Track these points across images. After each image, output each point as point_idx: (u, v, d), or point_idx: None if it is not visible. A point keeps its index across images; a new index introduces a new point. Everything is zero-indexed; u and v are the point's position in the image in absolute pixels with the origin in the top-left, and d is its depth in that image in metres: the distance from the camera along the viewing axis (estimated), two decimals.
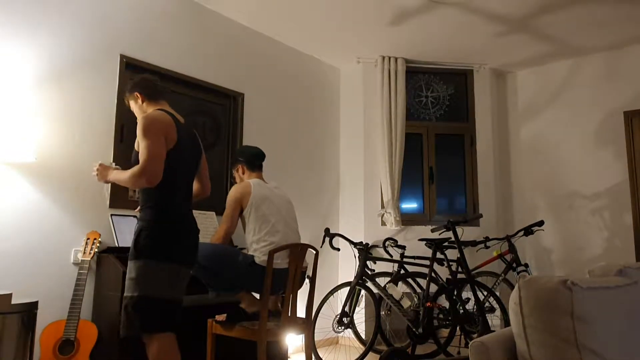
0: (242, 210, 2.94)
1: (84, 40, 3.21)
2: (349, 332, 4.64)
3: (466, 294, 4.13)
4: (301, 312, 3.17)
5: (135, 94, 2.43)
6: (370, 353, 3.87)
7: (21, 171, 2.85)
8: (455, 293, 3.81)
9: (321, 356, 4.23)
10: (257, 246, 2.83)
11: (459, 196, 5.13)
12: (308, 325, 2.98)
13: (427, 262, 4.43)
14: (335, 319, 3.95)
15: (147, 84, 2.43)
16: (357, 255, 4.08)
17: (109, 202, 3.22)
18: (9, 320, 2.38)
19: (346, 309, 3.97)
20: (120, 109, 3.34)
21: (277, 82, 4.58)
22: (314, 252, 2.96)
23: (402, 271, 4.10)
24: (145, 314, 2.12)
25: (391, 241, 4.30)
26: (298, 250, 2.85)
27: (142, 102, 2.41)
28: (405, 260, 4.23)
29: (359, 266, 3.98)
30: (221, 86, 4.04)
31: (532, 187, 5.16)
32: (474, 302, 3.74)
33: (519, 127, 5.31)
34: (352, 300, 3.99)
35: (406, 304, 3.82)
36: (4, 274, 2.74)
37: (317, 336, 4.46)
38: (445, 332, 4.44)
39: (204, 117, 3.95)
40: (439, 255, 4.52)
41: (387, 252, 4.34)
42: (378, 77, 4.89)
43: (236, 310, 2.97)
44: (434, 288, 3.87)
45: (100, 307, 2.95)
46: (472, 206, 5.07)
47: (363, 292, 4.19)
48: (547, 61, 5.08)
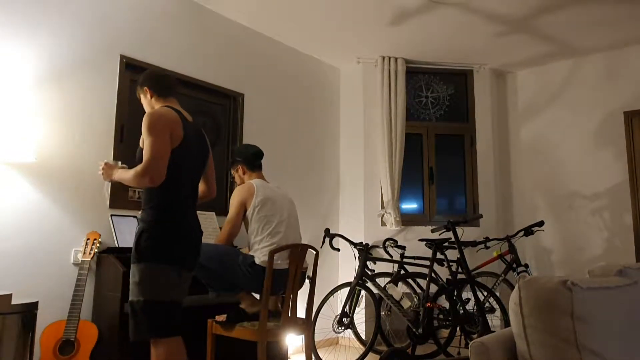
0: (245, 211, 2.93)
1: (84, 40, 3.21)
2: (349, 333, 4.64)
3: (466, 294, 4.13)
4: (301, 313, 3.17)
5: (145, 88, 2.37)
6: (371, 353, 3.87)
7: (21, 171, 2.85)
8: (456, 293, 3.81)
9: (321, 356, 4.23)
10: (258, 247, 2.83)
11: (459, 196, 5.13)
12: (308, 326, 2.98)
13: (427, 263, 4.43)
14: (335, 319, 3.95)
15: (158, 80, 2.37)
16: (357, 255, 4.08)
17: (109, 203, 3.22)
18: (9, 321, 2.38)
19: (346, 309, 3.97)
20: (120, 109, 3.34)
21: (277, 82, 4.58)
22: (314, 252, 2.96)
23: (402, 271, 4.10)
24: (153, 318, 2.08)
25: (391, 241, 4.30)
26: (298, 251, 2.84)
27: (151, 97, 2.36)
28: (405, 260, 4.22)
29: (359, 266, 3.98)
30: (221, 86, 4.04)
31: (532, 188, 5.16)
32: (474, 303, 3.74)
33: (519, 128, 5.31)
34: (352, 300, 3.99)
35: (406, 304, 3.82)
36: (4, 274, 2.74)
37: (317, 336, 4.46)
38: (445, 333, 4.44)
39: (204, 117, 3.95)
40: (439, 256, 4.52)
41: (387, 253, 4.34)
42: (378, 77, 4.89)
43: (236, 310, 2.96)
44: (434, 288, 3.87)
45: (100, 308, 2.95)
46: (472, 206, 5.07)
47: (363, 292, 4.19)
48: (547, 61, 5.09)
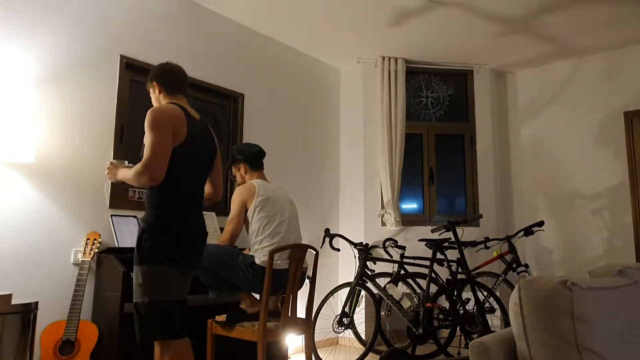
0: (246, 211, 2.93)
1: (84, 40, 3.21)
2: (349, 333, 4.64)
3: (466, 294, 4.13)
4: (301, 313, 3.17)
5: (154, 83, 2.31)
6: (371, 353, 3.87)
7: (21, 171, 2.85)
8: (455, 293, 3.81)
9: (321, 356, 4.23)
10: (259, 247, 2.83)
11: (459, 196, 5.13)
12: (308, 326, 2.98)
13: (427, 263, 4.43)
14: (335, 319, 3.95)
15: (168, 76, 2.31)
16: (357, 255, 4.08)
17: (109, 203, 3.22)
18: (9, 321, 2.38)
19: (346, 309, 3.97)
20: (120, 109, 3.34)
21: (277, 83, 4.58)
22: (314, 252, 2.96)
23: (402, 272, 4.10)
24: (158, 318, 2.04)
25: (391, 241, 4.30)
26: (298, 251, 2.84)
27: (159, 93, 2.31)
28: (405, 260, 4.22)
29: (359, 267, 3.98)
30: (221, 86, 4.04)
31: (532, 188, 5.16)
32: (474, 303, 3.74)
33: (519, 128, 5.31)
34: (352, 300, 3.99)
35: (406, 304, 3.82)
36: (4, 274, 2.74)
37: (317, 336, 4.46)
38: (445, 333, 4.44)
39: (204, 117, 3.94)
40: (439, 256, 4.52)
41: (387, 253, 4.34)
42: (378, 78, 4.89)
43: (236, 310, 2.96)
44: (434, 288, 3.87)
45: (100, 308, 2.95)
46: (472, 206, 5.07)
47: (363, 292, 4.19)
48: (547, 61, 5.09)
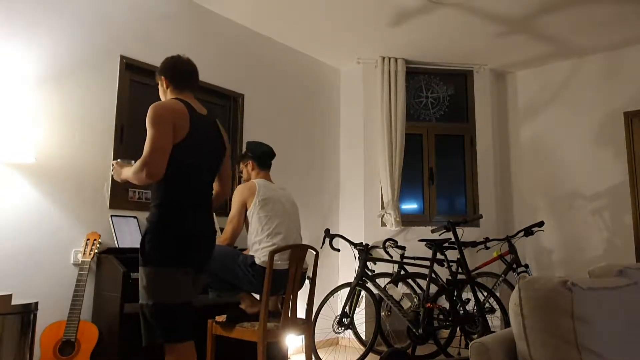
0: (246, 210, 2.94)
1: (84, 40, 3.21)
2: (349, 333, 4.63)
3: (466, 294, 4.13)
4: (301, 313, 3.17)
5: (162, 77, 2.26)
6: (371, 354, 3.86)
7: (21, 171, 2.85)
8: (456, 294, 3.81)
9: (321, 357, 4.23)
10: (259, 247, 2.83)
11: (459, 197, 5.13)
12: (308, 326, 2.98)
13: (427, 263, 4.43)
14: (335, 319, 3.95)
15: (177, 71, 2.25)
16: (357, 256, 4.07)
17: (109, 203, 3.22)
18: (9, 321, 2.38)
19: (346, 309, 3.97)
20: (120, 109, 3.34)
21: (277, 83, 4.58)
22: (314, 252, 2.96)
23: (402, 272, 4.10)
24: (163, 321, 2.00)
25: (391, 242, 4.30)
26: (298, 251, 2.84)
27: (167, 87, 2.25)
28: (405, 261, 4.22)
29: (359, 267, 3.97)
30: (221, 87, 4.04)
31: (532, 188, 5.16)
32: (474, 303, 3.74)
33: (519, 128, 5.31)
34: (352, 301, 3.99)
35: (406, 304, 3.82)
36: (4, 274, 2.74)
37: (317, 337, 4.46)
38: (445, 333, 4.44)
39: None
40: (439, 256, 4.52)
41: (387, 253, 4.34)
42: (378, 78, 4.89)
43: (236, 310, 2.96)
44: (434, 289, 3.87)
45: (100, 308, 2.94)
46: (472, 207, 5.07)
47: (363, 292, 4.19)
48: (547, 61, 5.08)
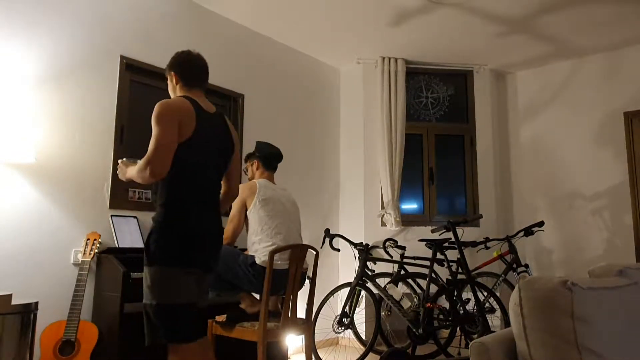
0: (246, 210, 2.94)
1: (84, 40, 3.21)
2: (349, 333, 4.63)
3: (466, 294, 4.13)
4: (301, 313, 3.17)
5: (172, 73, 2.23)
6: (371, 354, 3.86)
7: (21, 171, 2.85)
8: (456, 294, 3.81)
9: (321, 357, 4.23)
10: (259, 247, 2.83)
11: (459, 197, 5.13)
12: (308, 326, 2.98)
13: (427, 263, 4.43)
14: (335, 319, 3.95)
15: (188, 67, 2.22)
16: (357, 255, 4.08)
17: (109, 203, 3.22)
18: (9, 321, 2.38)
19: (346, 309, 3.97)
20: (120, 109, 3.34)
21: (277, 83, 4.58)
22: (314, 252, 2.96)
23: (402, 272, 4.10)
24: (166, 321, 1.98)
25: (391, 242, 4.29)
26: (298, 251, 2.84)
27: (176, 83, 2.23)
28: (405, 260, 4.22)
29: (359, 267, 3.97)
30: (221, 87, 4.04)
31: (532, 188, 5.16)
32: (474, 303, 3.74)
33: (519, 128, 5.31)
34: (352, 300, 3.99)
35: (406, 304, 3.82)
36: (4, 274, 2.74)
37: (317, 337, 4.46)
38: (445, 333, 4.44)
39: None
40: (439, 256, 4.52)
41: (387, 253, 4.34)
42: (378, 78, 4.89)
43: (236, 310, 2.96)
44: (434, 289, 3.87)
45: (100, 308, 2.95)
46: (472, 207, 5.07)
47: (363, 292, 4.19)
48: (547, 62, 5.08)
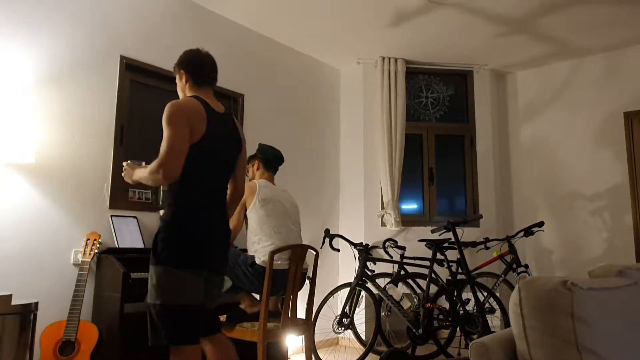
0: (246, 210, 2.95)
1: (84, 40, 3.21)
2: (349, 333, 4.63)
3: (466, 294, 4.12)
4: (301, 313, 3.17)
5: (182, 71, 2.22)
6: (371, 354, 3.86)
7: (21, 172, 2.85)
8: (455, 294, 3.81)
9: (321, 357, 4.23)
10: (259, 246, 2.83)
11: (459, 197, 5.13)
12: (308, 326, 2.98)
13: (427, 263, 4.43)
14: (335, 319, 3.95)
15: (198, 66, 2.21)
16: (357, 256, 4.07)
17: (109, 203, 3.22)
18: (9, 321, 2.38)
19: (346, 309, 3.97)
20: (120, 109, 3.34)
21: (277, 83, 4.58)
22: (314, 253, 2.96)
23: (402, 272, 4.10)
24: (169, 323, 1.96)
25: (391, 242, 4.29)
26: (298, 251, 2.84)
27: (186, 82, 2.21)
28: (405, 261, 4.22)
29: (359, 267, 3.97)
30: (221, 87, 4.04)
31: (532, 188, 5.16)
32: (474, 303, 3.74)
33: (519, 128, 5.31)
34: (352, 301, 3.99)
35: (406, 304, 3.82)
36: (4, 274, 2.74)
37: (317, 337, 4.46)
38: (445, 333, 4.44)
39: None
40: (439, 256, 4.52)
41: (387, 253, 4.34)
42: (378, 78, 4.89)
43: (236, 310, 2.96)
44: (434, 289, 3.87)
45: (100, 308, 2.95)
46: (472, 207, 5.06)
47: (363, 293, 4.18)
48: (547, 62, 5.08)
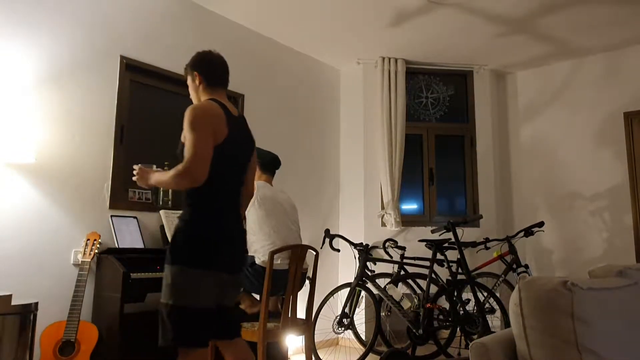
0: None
1: (84, 40, 3.21)
2: (349, 333, 4.63)
3: (466, 295, 4.12)
4: (301, 313, 3.17)
5: (195, 73, 2.20)
6: (371, 354, 3.86)
7: (21, 172, 2.85)
8: (456, 294, 3.81)
9: (321, 357, 4.22)
10: (258, 246, 2.83)
11: (459, 197, 5.13)
12: (308, 326, 2.98)
13: (427, 263, 4.42)
14: (335, 320, 3.95)
15: (212, 67, 2.20)
16: (357, 256, 4.07)
17: (109, 203, 3.22)
18: (9, 321, 2.38)
19: (346, 310, 3.97)
20: (120, 109, 3.34)
21: (277, 83, 4.58)
22: (314, 253, 2.96)
23: (402, 272, 4.10)
24: (180, 324, 1.92)
25: (391, 242, 4.29)
26: (298, 252, 2.84)
27: (199, 84, 2.20)
28: (405, 261, 4.22)
29: (359, 267, 3.97)
30: None
31: (532, 188, 5.15)
32: (474, 303, 3.74)
33: (519, 128, 5.31)
34: (352, 301, 3.99)
35: (406, 305, 3.82)
36: (4, 274, 2.74)
37: (317, 337, 4.45)
38: (445, 333, 4.43)
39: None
40: (439, 256, 4.51)
41: (387, 253, 4.34)
42: (378, 78, 4.89)
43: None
44: (434, 289, 3.86)
45: (100, 308, 2.95)
46: (472, 207, 5.06)
47: (363, 293, 4.18)
48: (547, 62, 5.08)
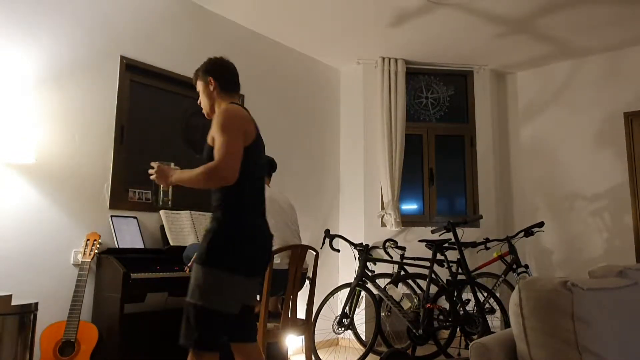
0: None
1: (85, 41, 3.21)
2: (349, 334, 4.63)
3: (466, 295, 4.13)
4: (301, 314, 3.17)
5: (210, 78, 2.21)
6: (371, 354, 3.86)
7: (21, 172, 2.85)
8: (456, 294, 3.81)
9: (321, 357, 4.22)
10: None
11: (459, 197, 5.13)
12: (308, 327, 2.98)
13: (427, 264, 4.43)
14: (335, 320, 3.95)
15: (227, 72, 2.22)
16: (357, 256, 4.07)
17: (109, 203, 3.22)
18: (9, 322, 2.38)
19: (346, 310, 3.97)
20: (120, 110, 3.35)
21: (277, 84, 4.58)
22: (314, 253, 2.96)
23: (402, 272, 4.10)
24: (207, 328, 1.92)
25: (391, 242, 4.29)
26: (298, 252, 2.84)
27: (214, 89, 2.21)
28: (405, 261, 4.22)
29: (359, 267, 3.97)
30: None
31: (532, 188, 5.15)
32: (474, 304, 3.74)
33: (519, 128, 5.31)
34: (352, 301, 3.99)
35: (406, 305, 3.82)
36: (4, 275, 2.74)
37: (317, 337, 4.45)
38: (445, 334, 4.43)
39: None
40: (439, 257, 4.51)
41: (387, 254, 4.33)
42: (378, 78, 4.89)
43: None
44: (434, 289, 3.86)
45: (100, 309, 2.95)
46: (472, 207, 5.06)
47: (363, 293, 4.18)
48: (547, 62, 5.08)
